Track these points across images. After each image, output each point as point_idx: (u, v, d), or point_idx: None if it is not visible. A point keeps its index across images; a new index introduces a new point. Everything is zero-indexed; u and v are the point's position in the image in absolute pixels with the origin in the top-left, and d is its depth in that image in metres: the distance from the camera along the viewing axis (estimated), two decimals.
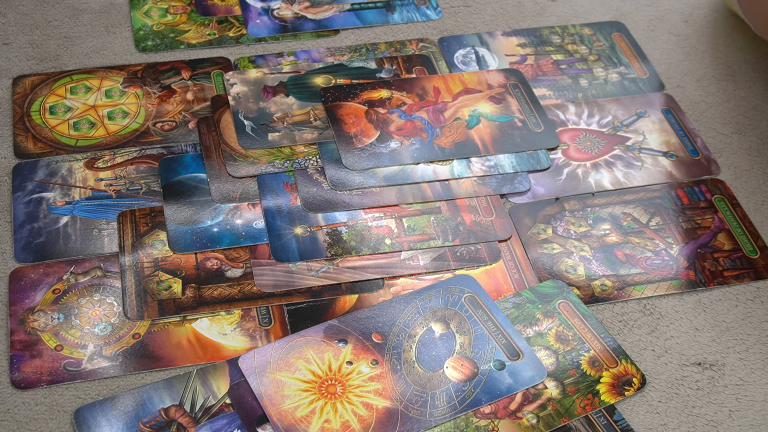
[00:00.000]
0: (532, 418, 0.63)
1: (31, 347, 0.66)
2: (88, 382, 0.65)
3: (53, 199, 0.75)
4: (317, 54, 0.88)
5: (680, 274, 0.73)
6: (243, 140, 0.78)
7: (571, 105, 0.85)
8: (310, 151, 0.78)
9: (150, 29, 0.90)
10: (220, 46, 0.89)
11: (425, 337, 0.67)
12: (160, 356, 0.66)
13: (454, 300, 0.69)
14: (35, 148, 0.79)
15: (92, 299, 0.69)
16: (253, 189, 0.76)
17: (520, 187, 0.77)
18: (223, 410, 0.63)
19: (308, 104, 0.82)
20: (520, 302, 0.70)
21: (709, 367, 0.68)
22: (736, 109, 0.86)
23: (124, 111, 0.82)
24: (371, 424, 0.62)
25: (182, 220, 0.73)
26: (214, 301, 0.69)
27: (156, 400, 0.63)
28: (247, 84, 0.83)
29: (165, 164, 0.77)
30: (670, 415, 0.65)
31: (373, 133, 0.79)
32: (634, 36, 0.92)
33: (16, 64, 0.86)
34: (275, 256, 0.71)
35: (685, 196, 0.78)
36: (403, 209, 0.75)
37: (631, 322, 0.70)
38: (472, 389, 0.64)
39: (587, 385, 0.65)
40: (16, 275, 0.70)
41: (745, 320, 0.71)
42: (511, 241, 0.74)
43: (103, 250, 0.72)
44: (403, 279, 0.71)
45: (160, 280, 0.70)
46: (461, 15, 0.93)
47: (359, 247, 0.72)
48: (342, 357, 0.66)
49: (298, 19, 0.91)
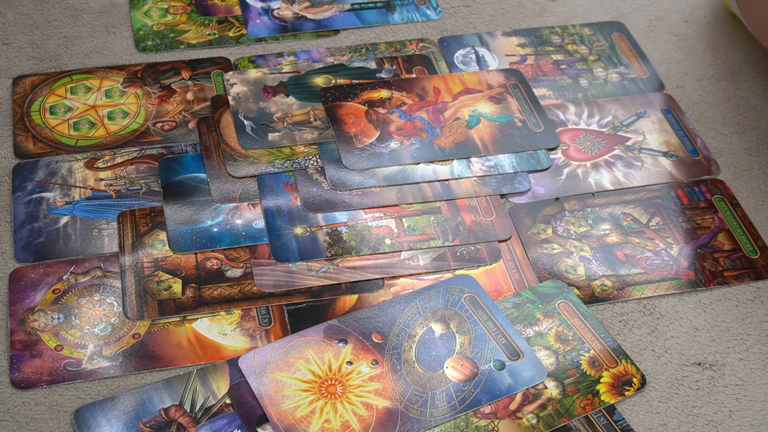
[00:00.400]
0: (532, 418, 0.63)
1: (31, 347, 0.66)
2: (88, 382, 0.65)
3: (53, 199, 0.75)
4: (317, 54, 0.88)
5: (680, 274, 0.73)
6: (243, 140, 0.78)
7: (571, 105, 0.85)
8: (310, 151, 0.78)
9: (150, 29, 0.90)
10: (220, 46, 0.89)
11: (425, 337, 0.67)
12: (160, 356, 0.66)
13: (454, 300, 0.69)
14: (35, 148, 0.79)
15: (92, 299, 0.69)
16: (253, 189, 0.76)
17: (520, 187, 0.77)
18: (223, 410, 0.63)
19: (308, 104, 0.82)
20: (520, 302, 0.70)
21: (709, 367, 0.68)
22: (736, 109, 0.86)
23: (124, 111, 0.82)
24: (371, 424, 0.62)
25: (182, 220, 0.73)
26: (214, 301, 0.69)
27: (156, 400, 0.63)
28: (247, 84, 0.83)
29: (165, 164, 0.77)
30: (670, 415, 0.65)
31: (373, 133, 0.79)
32: (634, 36, 0.92)
33: (16, 64, 0.86)
34: (275, 256, 0.71)
35: (685, 196, 0.78)
36: (403, 209, 0.75)
37: (631, 322, 0.70)
38: (472, 389, 0.64)
39: (587, 385, 0.65)
40: (16, 275, 0.70)
41: (745, 320, 0.71)
42: (511, 241, 0.74)
43: (103, 250, 0.72)
44: (403, 279, 0.71)
45: (160, 280, 0.70)
46: (461, 15, 0.93)
47: (359, 247, 0.72)
48: (342, 357, 0.66)
49: (298, 19, 0.91)
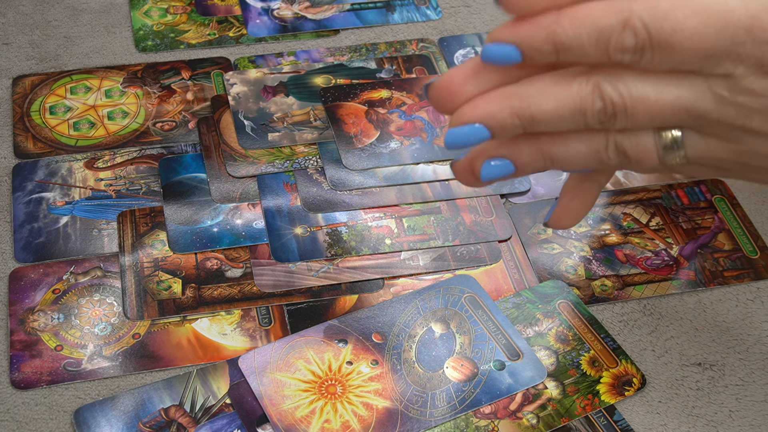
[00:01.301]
0: (532, 418, 0.63)
1: (31, 347, 0.66)
2: (88, 382, 0.65)
3: (53, 199, 0.75)
4: (317, 54, 0.88)
5: (680, 274, 0.73)
6: (243, 140, 0.78)
7: None
8: (310, 151, 0.78)
9: (150, 29, 0.90)
10: (220, 46, 0.89)
11: (425, 337, 0.67)
12: (160, 356, 0.66)
13: (454, 300, 0.69)
14: (35, 148, 0.79)
15: (92, 299, 0.69)
16: (253, 189, 0.76)
17: (520, 187, 0.77)
18: (223, 410, 0.63)
19: (308, 104, 0.82)
20: (520, 302, 0.70)
21: (709, 367, 0.68)
22: None
23: (124, 111, 0.82)
24: (371, 424, 0.62)
25: (182, 220, 0.73)
26: (214, 301, 0.69)
27: (156, 400, 0.63)
28: (247, 84, 0.83)
29: (165, 164, 0.77)
30: (670, 415, 0.65)
31: (373, 133, 0.79)
32: None
33: (16, 64, 0.86)
34: (275, 256, 0.71)
35: (685, 196, 0.78)
36: (403, 209, 0.75)
37: (631, 322, 0.70)
38: (472, 389, 0.64)
39: (587, 385, 0.65)
40: (16, 275, 0.70)
41: (745, 320, 0.71)
42: (511, 241, 0.74)
43: (103, 250, 0.72)
44: (403, 279, 0.71)
45: (160, 280, 0.70)
46: (461, 15, 0.93)
47: (359, 247, 0.72)
48: (342, 357, 0.66)
49: (298, 19, 0.91)
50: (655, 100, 0.45)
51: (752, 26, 0.42)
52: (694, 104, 0.45)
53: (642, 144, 0.47)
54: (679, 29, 0.43)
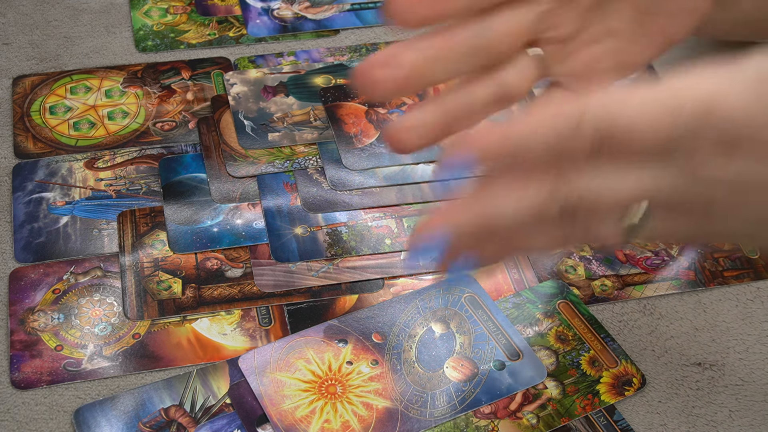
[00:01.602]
0: (532, 418, 0.63)
1: (31, 347, 0.66)
2: (88, 382, 0.65)
3: (53, 199, 0.75)
4: (317, 54, 0.88)
5: (680, 274, 0.73)
6: (243, 140, 0.78)
7: None
8: (310, 151, 0.78)
9: (150, 29, 0.90)
10: (220, 46, 0.89)
11: (425, 337, 0.67)
12: (160, 356, 0.66)
13: (454, 300, 0.69)
14: (35, 148, 0.79)
15: (92, 299, 0.69)
16: (253, 189, 0.76)
17: None
18: (223, 410, 0.63)
19: (308, 104, 0.82)
20: (520, 302, 0.70)
21: (709, 367, 0.68)
22: None
23: (124, 111, 0.82)
24: (371, 424, 0.62)
25: (182, 220, 0.73)
26: (214, 301, 0.69)
27: (156, 400, 0.63)
28: (247, 84, 0.83)
29: (165, 164, 0.77)
30: (670, 415, 0.65)
31: (373, 133, 0.79)
32: None
33: (16, 64, 0.86)
34: (275, 256, 0.71)
35: None
36: (403, 209, 0.75)
37: (631, 322, 0.70)
38: (472, 389, 0.64)
39: (587, 385, 0.65)
40: (16, 275, 0.70)
41: (745, 320, 0.71)
42: None
43: (103, 250, 0.72)
44: (403, 279, 0.71)
45: (160, 280, 0.70)
46: None
47: (359, 247, 0.72)
48: (342, 357, 0.66)
49: (298, 19, 0.91)
50: (616, 191, 0.44)
51: (709, 108, 0.42)
52: (656, 188, 0.44)
53: (605, 230, 0.47)
54: (633, 123, 0.43)
